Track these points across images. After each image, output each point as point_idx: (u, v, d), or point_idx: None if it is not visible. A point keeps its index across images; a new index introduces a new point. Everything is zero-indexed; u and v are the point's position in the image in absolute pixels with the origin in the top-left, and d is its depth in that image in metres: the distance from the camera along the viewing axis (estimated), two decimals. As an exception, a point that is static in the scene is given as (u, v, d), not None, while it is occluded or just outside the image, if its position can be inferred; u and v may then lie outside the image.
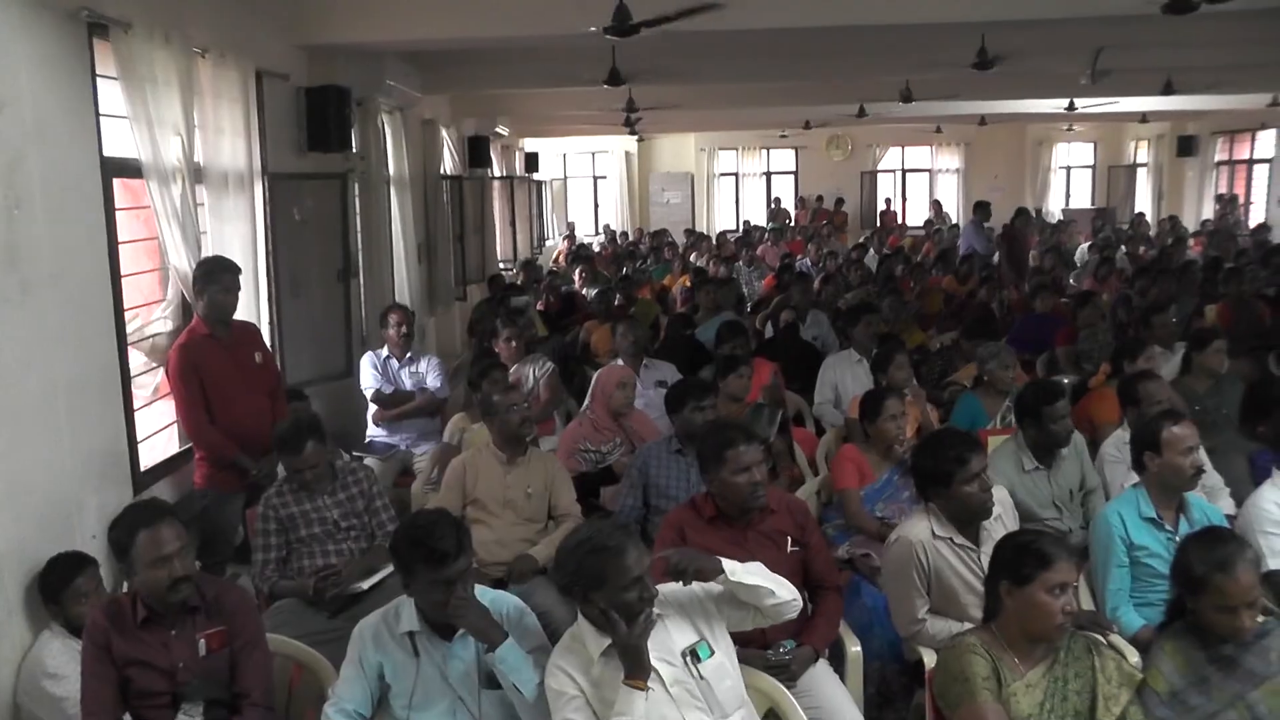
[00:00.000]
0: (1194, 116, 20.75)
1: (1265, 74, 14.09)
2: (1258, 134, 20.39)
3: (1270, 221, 18.93)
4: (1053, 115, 18.61)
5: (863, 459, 5.10)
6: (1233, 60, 12.06)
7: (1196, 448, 4.22)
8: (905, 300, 10.11)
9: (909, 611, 3.92)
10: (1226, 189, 21.26)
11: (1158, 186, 23.35)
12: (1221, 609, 3.09)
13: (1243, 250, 14.65)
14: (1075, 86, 13.09)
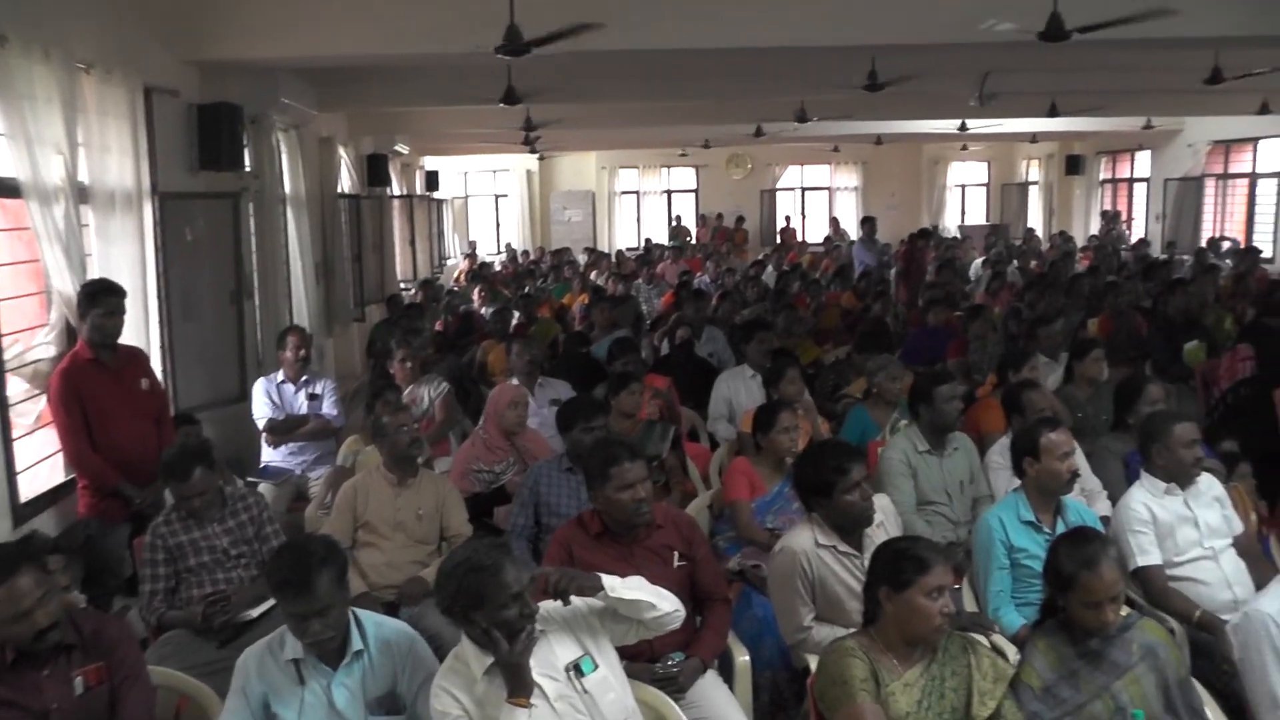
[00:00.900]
0: (1080, 137, 21.57)
1: (1140, 99, 14.74)
2: (1136, 154, 21.30)
3: (1150, 237, 19.72)
4: (946, 135, 19.13)
5: (754, 472, 5.17)
6: (1110, 85, 12.56)
7: (1073, 453, 4.41)
8: (801, 316, 10.27)
9: (794, 620, 3.99)
10: (1111, 206, 22.05)
11: (1048, 203, 24.14)
12: (1088, 604, 3.24)
13: (1124, 264, 15.16)
14: (965, 108, 13.43)
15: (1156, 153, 20.42)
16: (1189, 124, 18.68)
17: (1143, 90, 13.27)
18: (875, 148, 22.41)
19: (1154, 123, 17.82)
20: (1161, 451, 4.53)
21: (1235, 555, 4.50)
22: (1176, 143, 19.49)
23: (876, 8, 7.36)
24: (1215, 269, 12.85)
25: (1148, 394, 5.56)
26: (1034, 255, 17.99)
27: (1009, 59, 9.69)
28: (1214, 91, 10.64)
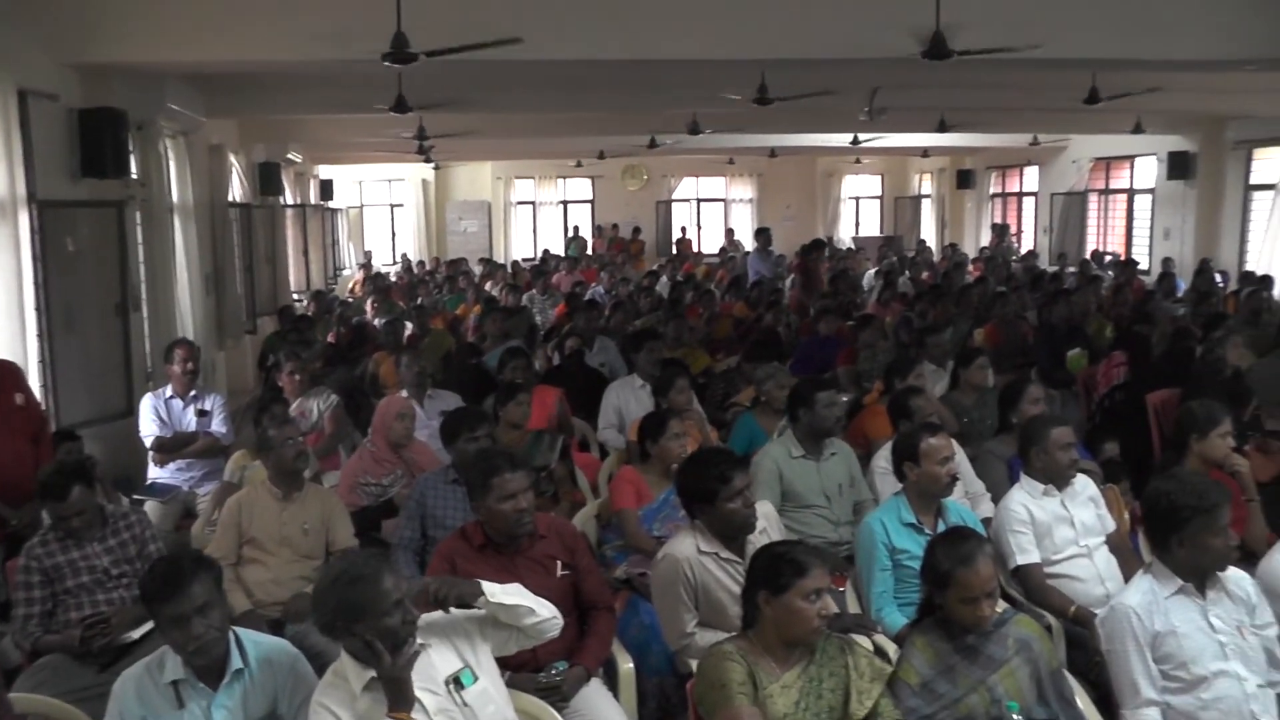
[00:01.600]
0: (970, 152, 22.22)
1: (1025, 116, 15.23)
2: (1024, 169, 22.00)
3: (1038, 249, 20.36)
4: (840, 149, 19.48)
5: (640, 480, 5.20)
6: (997, 103, 12.94)
7: (952, 457, 4.52)
8: (693, 325, 10.35)
9: (678, 626, 4.02)
10: (1000, 219, 22.67)
11: (940, 216, 24.74)
12: (965, 600, 3.33)
13: (1012, 275, 15.58)
14: (856, 122, 13.67)
15: (1043, 168, 21.14)
16: (1073, 141, 19.40)
17: (1028, 108, 13.73)
18: (770, 160, 22.73)
19: (1040, 139, 18.47)
20: (1039, 454, 4.70)
21: (1108, 552, 4.68)
22: (1062, 159, 20.21)
23: (766, 23, 7.44)
24: (1098, 280, 13.33)
25: (1029, 393, 5.77)
26: (926, 266, 18.39)
27: (897, 75, 9.88)
28: (1093, 110, 11.01)
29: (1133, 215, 18.92)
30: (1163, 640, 3.47)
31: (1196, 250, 16.29)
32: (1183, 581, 3.55)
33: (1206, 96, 12.93)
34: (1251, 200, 16.09)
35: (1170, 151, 16.63)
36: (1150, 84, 10.80)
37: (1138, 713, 3.46)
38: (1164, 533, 3.60)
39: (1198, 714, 3.43)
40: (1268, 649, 3.56)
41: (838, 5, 7.42)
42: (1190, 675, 3.44)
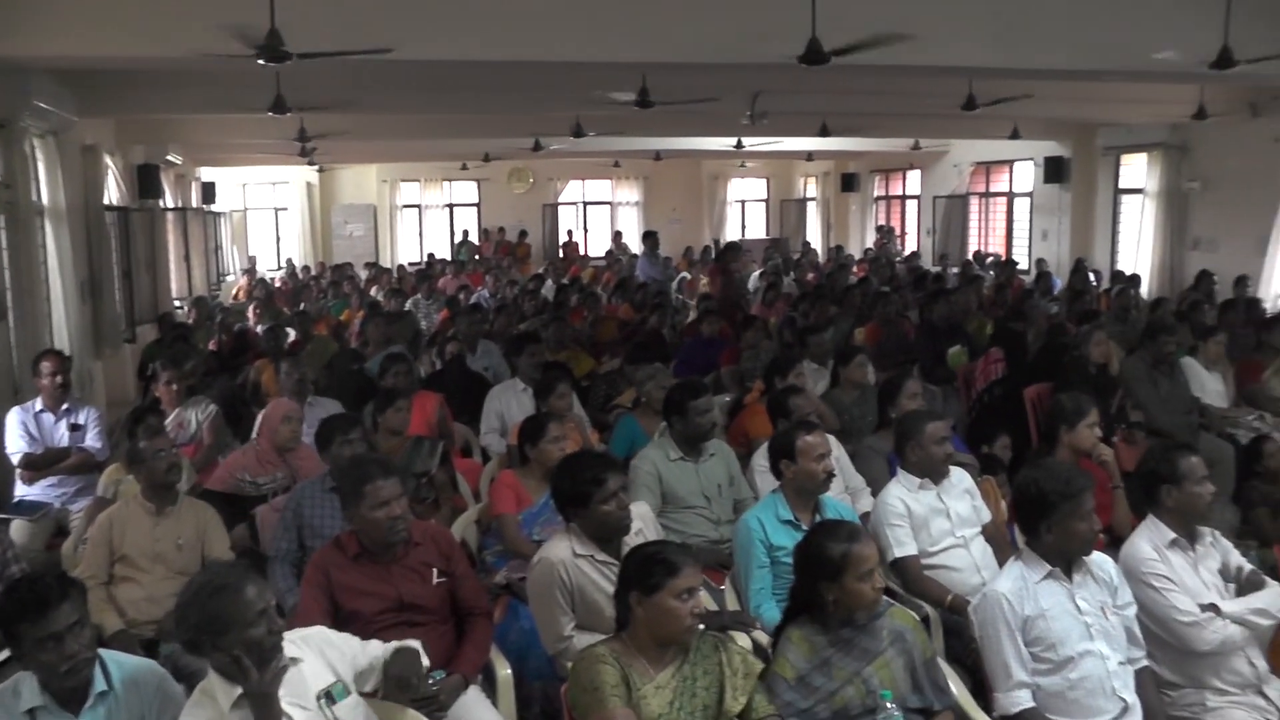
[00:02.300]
0: (854, 156, 22.62)
1: (906, 121, 15.57)
2: (907, 173, 22.51)
3: (921, 250, 20.85)
4: (724, 152, 19.60)
5: (519, 484, 5.16)
6: (878, 108, 13.19)
7: (828, 454, 4.56)
8: (577, 328, 10.34)
9: (555, 629, 3.99)
10: (885, 221, 23.13)
11: (825, 218, 25.12)
12: (863, 576, 3.37)
13: (895, 275, 15.90)
14: (739, 126, 13.77)
15: (925, 172, 21.68)
16: (954, 146, 19.92)
17: (908, 114, 14.04)
18: (656, 163, 22.80)
19: (921, 144, 18.86)
20: (915, 449, 4.80)
21: (984, 542, 4.80)
22: (943, 163, 20.74)
23: (645, 26, 7.43)
24: (979, 280, 13.64)
25: (907, 389, 5.88)
26: (811, 268, 18.65)
27: (778, 80, 9.98)
28: (971, 116, 11.31)
29: (1012, 217, 19.60)
30: (1033, 624, 3.57)
31: (1072, 250, 16.98)
32: (1051, 566, 3.65)
33: (1078, 105, 13.45)
34: (1121, 203, 16.91)
35: (1046, 157, 17.35)
36: (1025, 92, 11.10)
37: (1010, 694, 3.54)
38: (1033, 519, 3.70)
39: (1065, 693, 3.53)
40: (1128, 628, 3.71)
41: (716, 10, 7.44)
42: (1059, 656, 3.55)
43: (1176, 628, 3.81)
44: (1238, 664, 3.82)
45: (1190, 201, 15.32)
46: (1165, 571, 3.89)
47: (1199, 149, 15.03)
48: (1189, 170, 15.21)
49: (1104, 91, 11.87)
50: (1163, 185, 15.39)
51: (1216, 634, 3.76)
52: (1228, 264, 13.52)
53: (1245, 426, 7.67)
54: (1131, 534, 4.14)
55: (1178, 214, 15.41)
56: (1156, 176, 15.49)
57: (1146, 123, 14.86)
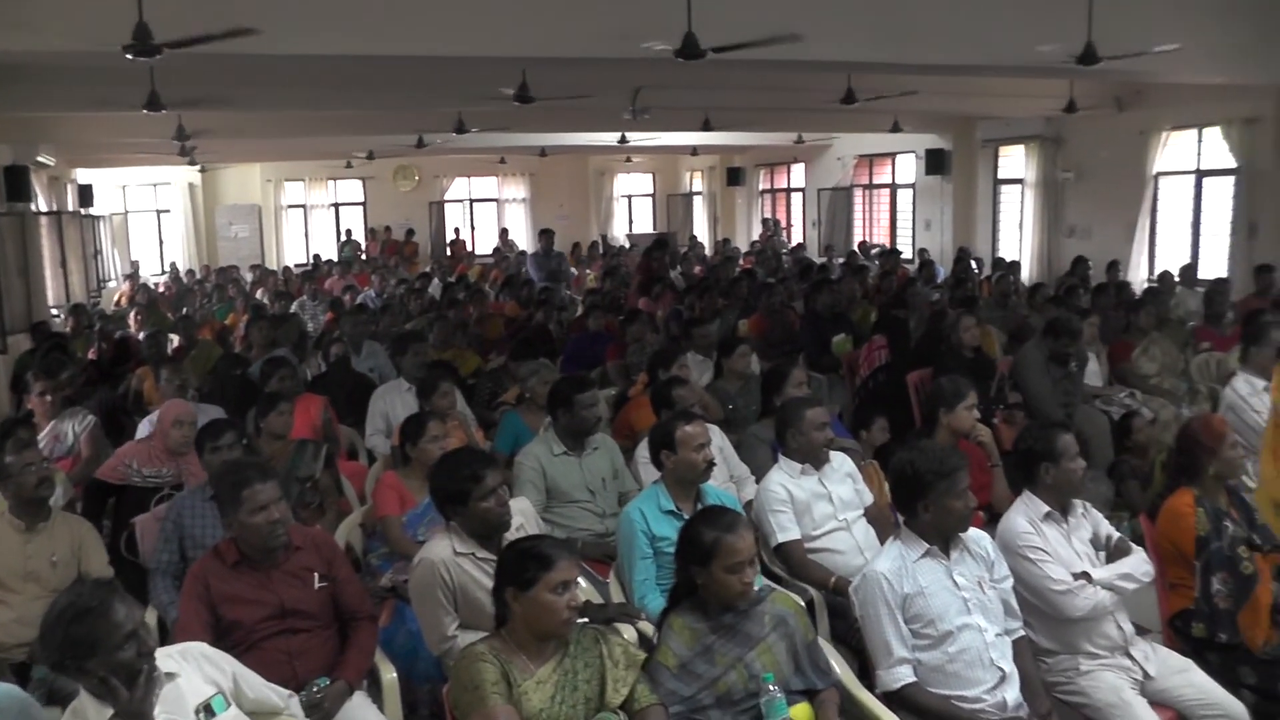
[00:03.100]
0: (739, 151, 22.87)
1: (789, 116, 15.79)
2: (792, 166, 22.82)
3: (807, 242, 21.16)
4: (609, 148, 19.61)
5: (402, 485, 5.09)
6: (761, 103, 13.33)
7: (708, 444, 4.58)
8: (466, 325, 10.27)
9: (439, 630, 3.94)
10: (770, 214, 23.38)
11: (712, 212, 25.34)
12: (731, 568, 3.38)
13: (781, 267, 16.10)
14: (621, 121, 13.79)
15: (810, 165, 22.00)
16: (837, 139, 20.26)
17: (791, 108, 14.20)
18: (541, 159, 22.73)
19: (805, 138, 19.14)
20: (795, 435, 4.87)
21: (866, 524, 4.87)
22: (827, 156, 21.07)
23: (524, 21, 7.37)
24: (863, 269, 13.87)
25: (792, 377, 5.95)
26: (698, 261, 18.76)
27: (659, 75, 9.98)
28: (852, 110, 11.48)
29: (895, 208, 20.03)
30: (912, 601, 3.64)
31: (955, 239, 17.45)
32: (928, 545, 3.73)
33: (957, 99, 13.78)
34: (1000, 193, 17.50)
35: (927, 149, 17.80)
36: (904, 87, 11.33)
37: (891, 671, 3.61)
38: (910, 499, 3.78)
39: (945, 666, 3.61)
40: (1004, 600, 3.80)
41: (594, 5, 7.44)
42: (938, 631, 3.62)
43: (1051, 597, 3.93)
44: (1107, 628, 3.97)
45: (1065, 191, 15.91)
46: (1040, 544, 4.01)
47: (1072, 141, 15.62)
48: (1063, 161, 15.80)
49: (981, 86, 12.22)
50: (1039, 176, 15.97)
51: (1088, 600, 3.89)
52: (1101, 250, 14.05)
53: (1117, 404, 7.96)
54: (1008, 510, 4.25)
55: (1053, 203, 15.99)
56: (1033, 167, 16.08)
57: (1022, 116, 15.34)
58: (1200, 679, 3.93)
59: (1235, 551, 4.15)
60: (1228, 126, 13.03)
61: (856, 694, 3.66)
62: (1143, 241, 14.37)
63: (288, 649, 3.79)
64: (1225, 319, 9.47)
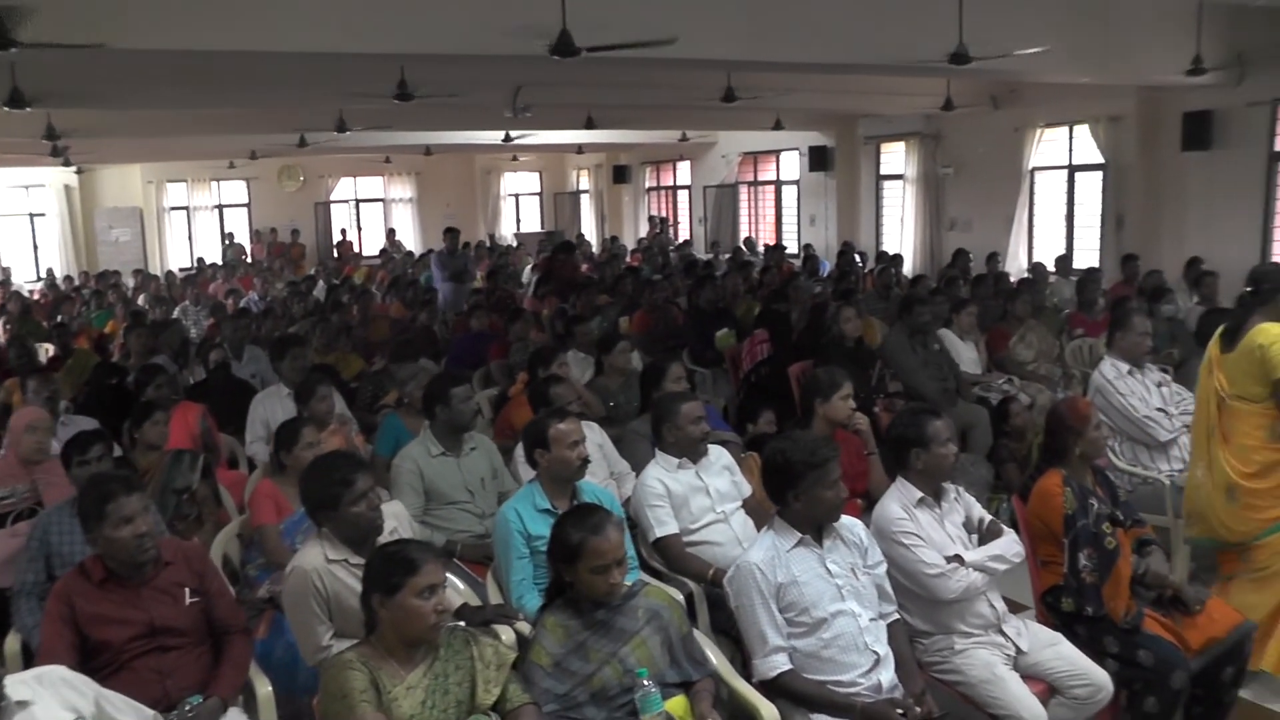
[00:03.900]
0: (624, 149, 22.97)
1: (673, 114, 15.91)
2: (677, 164, 22.98)
3: (694, 239, 21.34)
4: (494, 146, 19.54)
5: (279, 493, 4.98)
6: (644, 101, 13.40)
7: (582, 441, 4.56)
8: (350, 328, 10.14)
9: (313, 640, 3.85)
10: (657, 211, 23.51)
11: (599, 210, 25.40)
12: (597, 569, 3.40)
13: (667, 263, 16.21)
14: (504, 120, 13.74)
15: (695, 163, 22.21)
16: (722, 137, 20.50)
17: (674, 106, 14.31)
18: (427, 158, 22.53)
19: (689, 136, 19.28)
20: (671, 430, 4.90)
21: (745, 515, 4.92)
22: (712, 154, 21.29)
23: (401, 16, 7.30)
24: (748, 265, 14.01)
25: (671, 372, 5.99)
26: (585, 259, 18.76)
27: (539, 73, 9.96)
28: (734, 108, 11.61)
29: (780, 204, 20.32)
30: (786, 590, 3.68)
31: (839, 234, 17.81)
32: (801, 534, 3.78)
33: (837, 97, 14.05)
34: (883, 189, 17.90)
35: (810, 146, 18.16)
36: (783, 85, 11.48)
37: (767, 660, 3.65)
38: (781, 488, 3.83)
39: (820, 652, 3.66)
40: (879, 585, 3.88)
41: (471, 2, 7.40)
42: (812, 618, 3.67)
43: (925, 580, 4.01)
44: (980, 608, 4.08)
45: (945, 186, 16.33)
46: (913, 529, 4.09)
47: (951, 137, 16.04)
48: (943, 157, 16.22)
49: (861, 84, 12.47)
50: (920, 171, 16.37)
51: (960, 582, 3.99)
52: (981, 242, 14.45)
53: (996, 390, 8.17)
54: (882, 497, 4.33)
55: (934, 197, 16.40)
56: (914, 163, 16.48)
57: (902, 114, 15.71)
58: (1069, 651, 4.07)
59: (1100, 528, 4.27)
60: (1095, 124, 13.56)
61: (733, 683, 3.70)
62: (1020, 233, 14.83)
63: (159, 667, 3.69)
64: (1096, 306, 9.82)
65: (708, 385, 8.96)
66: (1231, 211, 12.19)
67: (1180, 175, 12.78)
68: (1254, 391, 4.79)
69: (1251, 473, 4.82)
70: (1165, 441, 5.89)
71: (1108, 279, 11.58)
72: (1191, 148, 12.36)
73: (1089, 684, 3.97)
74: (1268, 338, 4.70)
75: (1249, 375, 4.79)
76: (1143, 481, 5.85)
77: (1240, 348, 4.82)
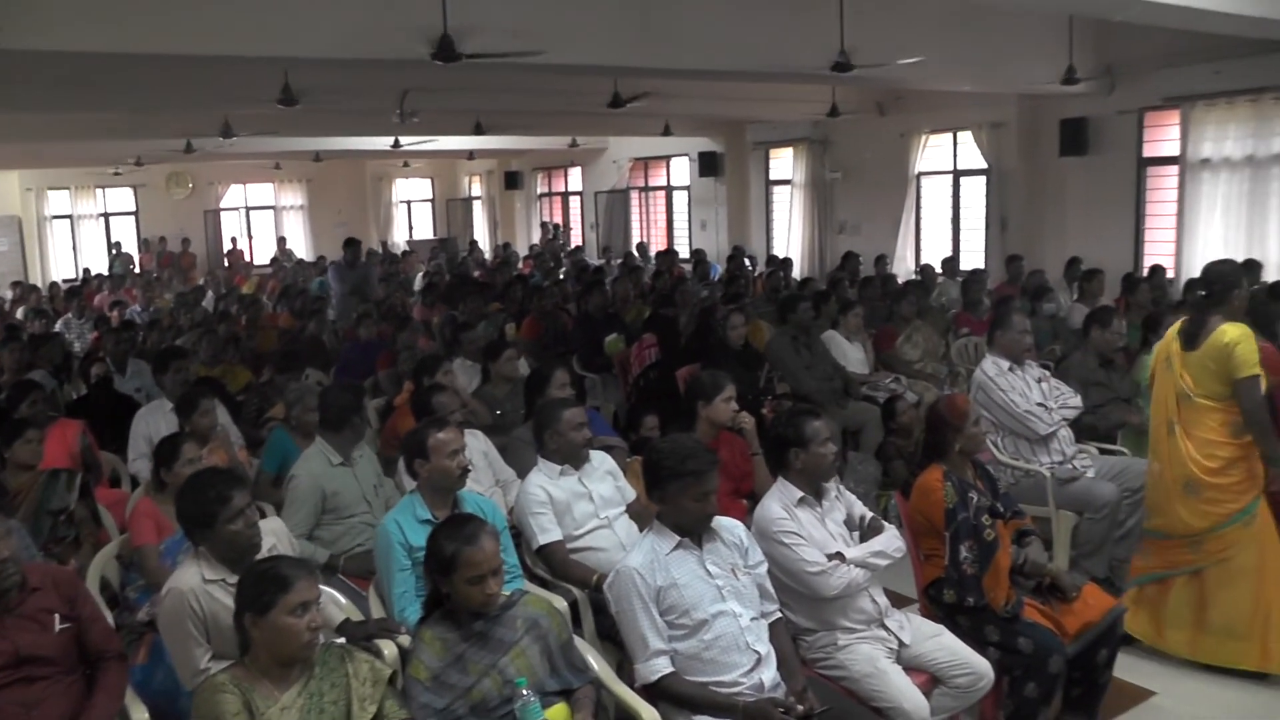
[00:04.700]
0: (516, 155, 22.97)
1: (561, 119, 15.95)
2: (569, 170, 22.98)
3: (586, 244, 21.46)
4: (384, 152, 19.39)
5: (159, 512, 4.85)
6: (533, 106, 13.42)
7: (462, 450, 4.53)
8: (238, 339, 9.96)
9: (191, 664, 3.75)
10: (549, 217, 23.50)
11: (492, 216, 25.32)
12: (472, 580, 3.39)
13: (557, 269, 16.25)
14: (392, 125, 13.63)
15: (587, 168, 22.29)
16: (612, 143, 20.59)
17: (563, 111, 14.36)
18: (318, 165, 22.25)
19: (579, 141, 19.33)
20: (553, 436, 4.91)
21: (629, 521, 4.94)
22: (603, 159, 21.38)
23: (284, 20, 7.19)
24: (638, 270, 14.08)
25: (555, 379, 6.00)
26: (477, 266, 18.69)
27: (425, 78, 9.92)
28: (623, 114, 11.68)
29: (672, 210, 20.46)
30: (666, 593, 3.70)
31: (730, 239, 18.02)
32: (680, 537, 3.81)
33: (726, 103, 14.23)
34: (773, 193, 18.19)
35: (700, 152, 18.36)
36: (671, 91, 11.58)
37: (649, 664, 3.66)
38: (653, 490, 3.88)
39: (701, 653, 3.68)
40: (760, 585, 3.91)
41: (352, 5, 7.32)
42: (693, 620, 3.69)
43: (806, 578, 4.07)
44: (863, 603, 4.16)
45: (833, 190, 16.66)
46: (794, 528, 4.15)
47: (839, 143, 16.36)
48: (831, 162, 16.53)
49: (748, 91, 12.65)
50: (808, 176, 16.66)
51: (842, 579, 4.06)
52: (870, 245, 14.78)
53: (883, 389, 8.33)
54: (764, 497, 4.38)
55: (823, 202, 16.70)
56: (802, 168, 16.76)
57: (790, 120, 15.91)
58: (950, 642, 4.18)
59: (980, 521, 4.40)
60: (978, 130, 13.96)
61: (614, 689, 3.71)
62: (908, 236, 15.18)
63: (24, 699, 3.52)
64: (981, 306, 10.10)
65: (597, 391, 9.01)
66: (1107, 214, 12.71)
67: (1059, 179, 13.25)
68: (1217, 390, 4.99)
69: (1215, 468, 5.03)
70: (1045, 435, 6.04)
71: (993, 279, 11.95)
72: (1069, 153, 12.86)
73: (970, 673, 4.08)
74: (1234, 337, 4.91)
75: (1214, 374, 4.98)
76: (1025, 474, 6.01)
77: (1205, 347, 5.00)
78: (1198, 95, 11.42)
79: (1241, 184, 11.22)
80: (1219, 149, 11.37)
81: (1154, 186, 12.58)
